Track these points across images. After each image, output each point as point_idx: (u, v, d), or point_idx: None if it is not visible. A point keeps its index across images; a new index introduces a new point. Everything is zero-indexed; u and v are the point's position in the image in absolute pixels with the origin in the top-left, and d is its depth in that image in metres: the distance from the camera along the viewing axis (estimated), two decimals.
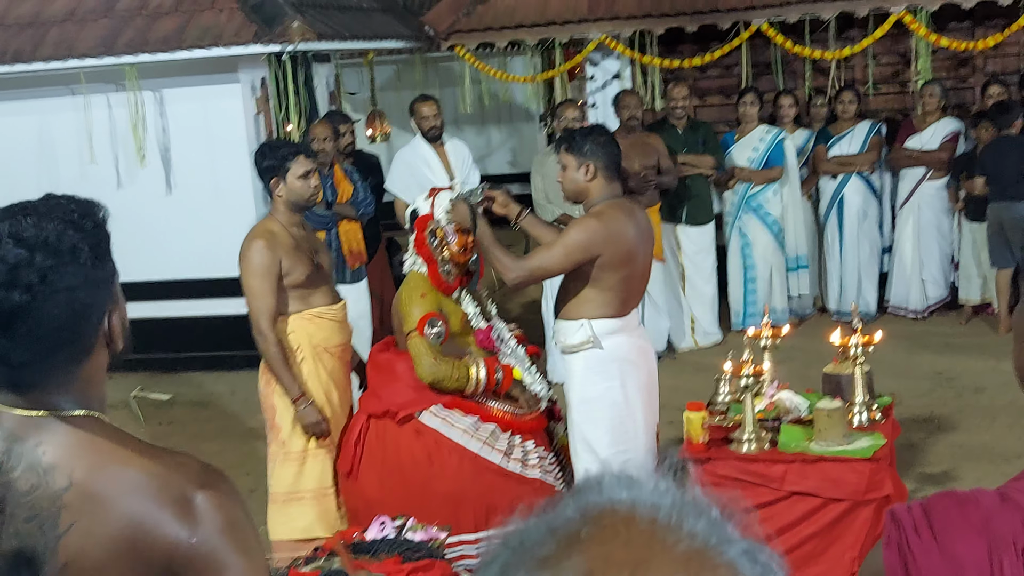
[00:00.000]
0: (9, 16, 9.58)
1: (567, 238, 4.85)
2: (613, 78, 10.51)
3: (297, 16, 8.76)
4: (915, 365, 8.43)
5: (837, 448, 4.75)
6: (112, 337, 1.93)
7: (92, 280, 1.87)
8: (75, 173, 9.71)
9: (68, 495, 1.81)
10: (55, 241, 1.83)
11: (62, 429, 1.85)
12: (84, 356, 1.89)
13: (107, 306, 1.92)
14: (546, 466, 5.09)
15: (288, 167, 5.19)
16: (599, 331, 4.88)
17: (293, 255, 5.14)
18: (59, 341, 1.85)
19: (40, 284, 1.81)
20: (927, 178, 9.53)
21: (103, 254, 1.91)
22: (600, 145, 4.90)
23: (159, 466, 1.85)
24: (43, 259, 1.81)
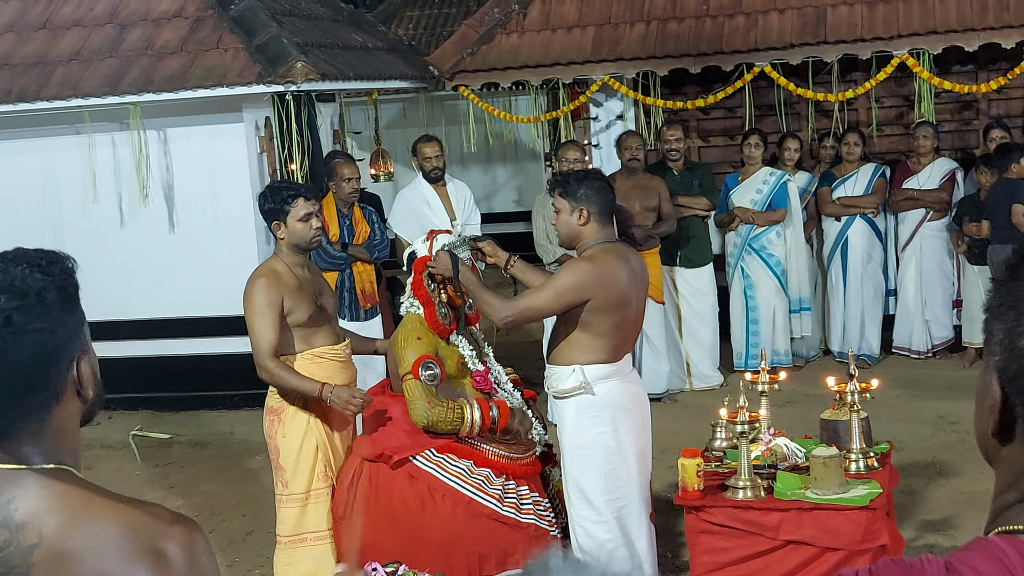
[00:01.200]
0: (15, 56, 9.64)
1: (558, 280, 4.84)
2: (617, 119, 10.54)
3: (301, 56, 8.80)
4: (917, 408, 8.38)
5: (833, 496, 4.70)
6: (82, 384, 1.90)
7: (60, 324, 1.86)
8: (78, 211, 9.75)
9: (38, 552, 1.79)
10: (20, 284, 1.83)
11: (34, 484, 1.83)
12: (53, 403, 1.87)
13: (76, 352, 1.90)
14: (540, 511, 5.05)
15: (288, 210, 5.20)
16: (591, 376, 4.85)
17: (296, 295, 5.15)
18: (27, 386, 1.83)
19: (4, 326, 1.80)
20: (928, 219, 9.53)
21: (71, 300, 1.90)
22: (594, 190, 4.90)
23: (130, 518, 1.83)
24: (7, 301, 1.81)
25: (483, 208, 9.06)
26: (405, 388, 4.95)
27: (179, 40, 9.39)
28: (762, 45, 9.55)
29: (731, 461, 5.09)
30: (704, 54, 9.68)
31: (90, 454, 8.20)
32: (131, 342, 9.38)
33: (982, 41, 9.19)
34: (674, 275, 9.29)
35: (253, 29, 9.28)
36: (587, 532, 4.92)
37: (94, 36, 9.64)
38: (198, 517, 7.02)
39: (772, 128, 10.30)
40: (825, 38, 9.46)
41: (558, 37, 10.17)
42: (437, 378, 4.95)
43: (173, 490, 7.71)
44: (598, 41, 10.02)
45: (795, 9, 9.73)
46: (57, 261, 1.92)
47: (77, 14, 9.85)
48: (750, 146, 9.40)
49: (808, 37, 9.50)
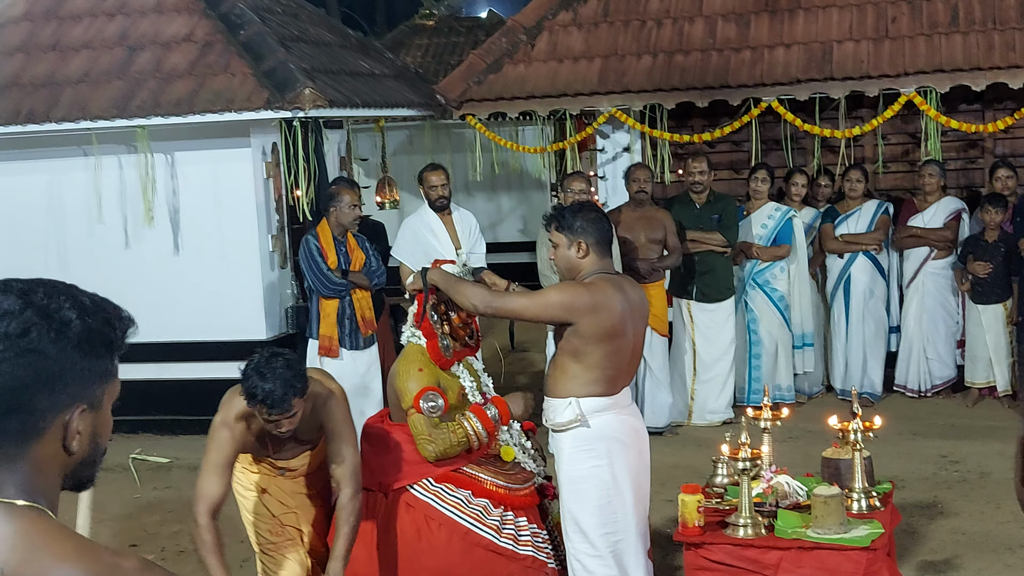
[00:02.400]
0: (25, 76, 9.68)
1: (549, 293, 4.90)
2: (623, 151, 10.56)
3: (309, 83, 8.83)
4: (919, 447, 8.35)
5: (834, 536, 4.68)
6: (67, 435, 1.86)
7: (70, 362, 1.83)
8: (84, 232, 9.76)
9: None
10: (53, 309, 1.83)
11: (1, 519, 1.79)
12: (33, 436, 1.83)
13: (78, 400, 1.86)
14: (538, 543, 5.02)
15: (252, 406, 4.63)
16: (587, 409, 4.82)
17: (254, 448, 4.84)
18: (13, 404, 1.81)
19: (17, 337, 1.79)
20: (931, 258, 9.52)
21: (96, 348, 1.87)
22: (590, 221, 4.90)
23: (98, 566, 1.78)
24: (31, 316, 1.81)
25: (488, 237, 9.04)
26: (410, 423, 4.93)
27: (188, 64, 9.43)
28: (768, 80, 9.57)
29: (732, 498, 5.06)
30: (711, 87, 9.70)
31: None
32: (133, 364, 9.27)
33: (989, 81, 9.21)
34: (690, 309, 9.24)
35: (261, 54, 9.32)
36: (583, 566, 4.89)
37: (103, 58, 9.68)
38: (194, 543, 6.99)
39: (778, 163, 10.31)
40: (832, 74, 9.48)
41: (565, 68, 10.21)
42: (440, 409, 4.91)
43: (171, 514, 7.68)
44: (605, 73, 10.05)
45: (802, 44, 9.76)
46: (103, 310, 1.90)
47: (87, 36, 9.89)
48: (757, 180, 9.40)
49: (815, 73, 9.53)
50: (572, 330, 4.77)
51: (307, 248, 7.86)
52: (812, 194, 9.91)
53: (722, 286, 9.22)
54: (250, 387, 4.48)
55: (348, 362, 7.87)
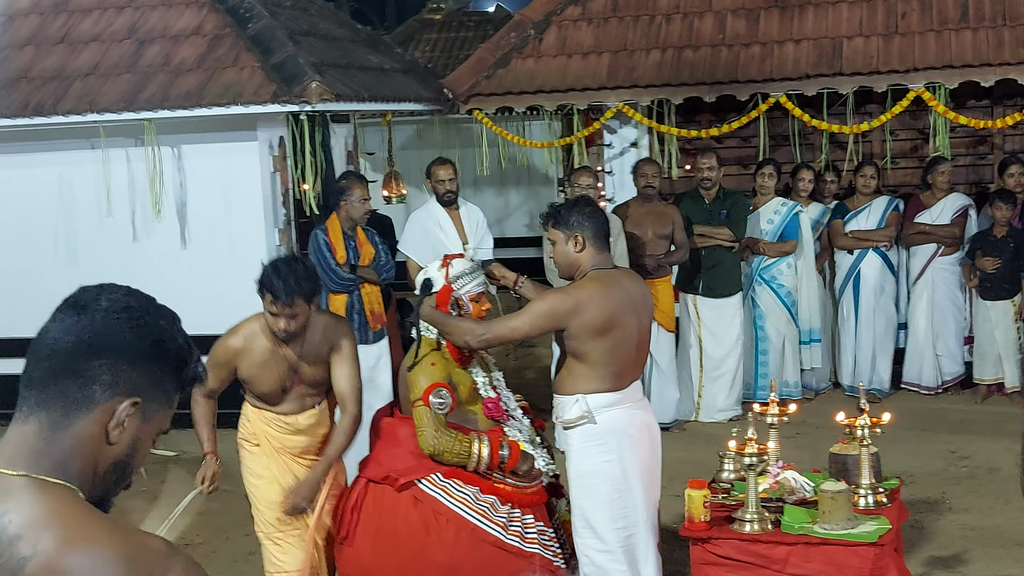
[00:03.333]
0: (34, 69, 9.68)
1: (533, 305, 4.90)
2: (631, 146, 10.54)
3: (316, 76, 8.82)
4: (928, 443, 8.33)
5: (841, 531, 4.66)
6: (114, 419, 1.91)
7: (143, 355, 1.93)
8: (92, 225, 9.77)
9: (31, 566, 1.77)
10: (150, 309, 1.97)
11: (33, 497, 1.82)
12: (84, 408, 1.88)
13: (135, 395, 1.92)
14: (545, 540, 5.01)
15: (263, 296, 4.97)
16: (594, 405, 4.83)
17: (256, 369, 5.06)
18: (79, 364, 1.88)
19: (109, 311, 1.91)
20: (939, 254, 9.50)
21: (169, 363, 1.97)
22: (586, 216, 4.92)
23: (127, 547, 1.81)
24: (129, 302, 1.94)
25: (495, 232, 9.02)
26: (414, 415, 4.92)
27: (196, 57, 9.43)
28: (777, 75, 9.55)
29: (739, 493, 5.06)
30: (719, 83, 9.68)
31: None
32: None
33: (998, 77, 9.18)
34: (696, 303, 9.23)
35: (270, 48, 9.31)
36: (592, 561, 4.89)
37: (112, 51, 9.68)
38: (202, 535, 7.00)
39: (786, 158, 10.29)
40: (841, 70, 9.45)
41: (574, 63, 10.19)
42: (448, 406, 4.91)
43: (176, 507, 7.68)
44: (613, 68, 10.03)
45: (811, 40, 9.73)
46: (189, 345, 2.02)
47: (96, 29, 9.90)
48: (763, 176, 9.39)
49: (824, 68, 9.50)
50: (566, 333, 4.81)
51: (316, 242, 7.85)
52: (819, 190, 9.89)
53: (729, 281, 9.20)
54: (262, 276, 4.90)
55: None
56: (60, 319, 1.92)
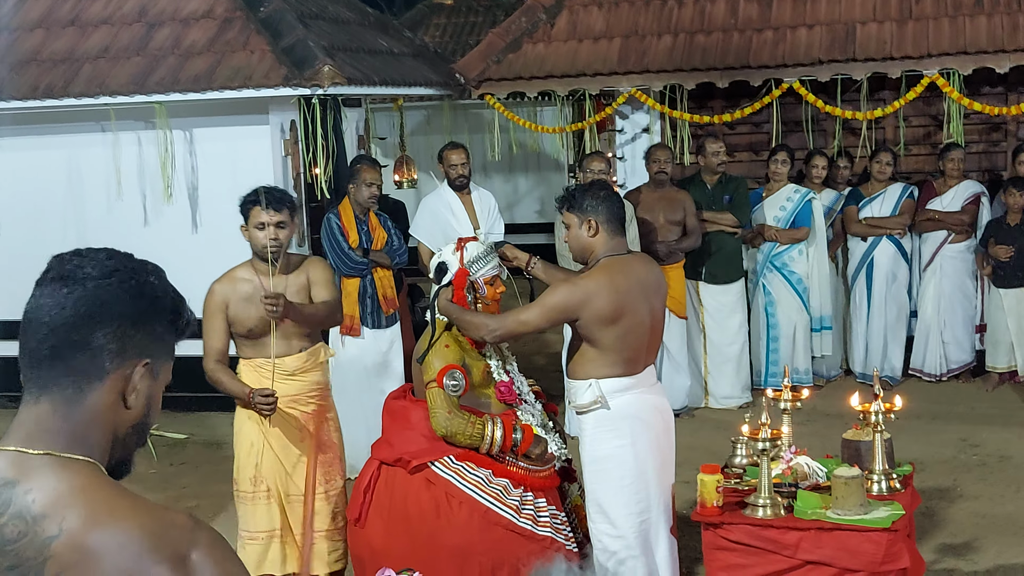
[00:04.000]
0: (44, 52, 9.67)
1: (545, 298, 4.87)
2: (642, 131, 10.50)
3: (328, 60, 8.79)
4: (939, 431, 8.31)
5: (854, 517, 4.64)
6: (129, 385, 1.92)
7: (145, 315, 1.93)
8: (102, 208, 9.76)
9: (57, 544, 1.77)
10: (138, 269, 1.96)
11: (56, 475, 1.83)
12: (96, 378, 1.89)
13: (144, 357, 1.94)
14: (557, 524, 5.00)
15: (248, 215, 5.28)
16: (607, 390, 4.83)
17: (244, 304, 5.25)
18: (82, 337, 1.88)
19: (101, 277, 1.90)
20: (949, 241, 9.46)
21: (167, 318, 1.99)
22: (600, 200, 4.89)
23: (153, 522, 1.81)
24: (117, 265, 1.94)
25: (505, 218, 8.99)
26: (428, 396, 4.91)
27: (207, 40, 9.40)
28: (790, 61, 9.50)
29: (751, 478, 5.03)
30: (732, 68, 9.63)
31: None
32: None
33: (1013, 63, 9.12)
34: (699, 290, 9.21)
35: (280, 31, 9.29)
36: (605, 547, 4.88)
37: (122, 34, 9.66)
38: (211, 517, 7.00)
39: (798, 144, 10.24)
40: (854, 55, 9.40)
41: (585, 47, 10.15)
42: (461, 388, 4.90)
43: (187, 490, 7.70)
44: (625, 52, 9.99)
45: (824, 25, 9.68)
46: (177, 295, 2.03)
47: (106, 12, 9.87)
48: (777, 162, 9.34)
49: (837, 54, 9.44)
50: (578, 322, 4.81)
51: (328, 226, 7.83)
52: (832, 176, 9.84)
53: (731, 268, 9.20)
54: (249, 194, 5.27)
55: (370, 340, 7.85)
56: (48, 293, 1.91)
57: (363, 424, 7.31)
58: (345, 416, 7.77)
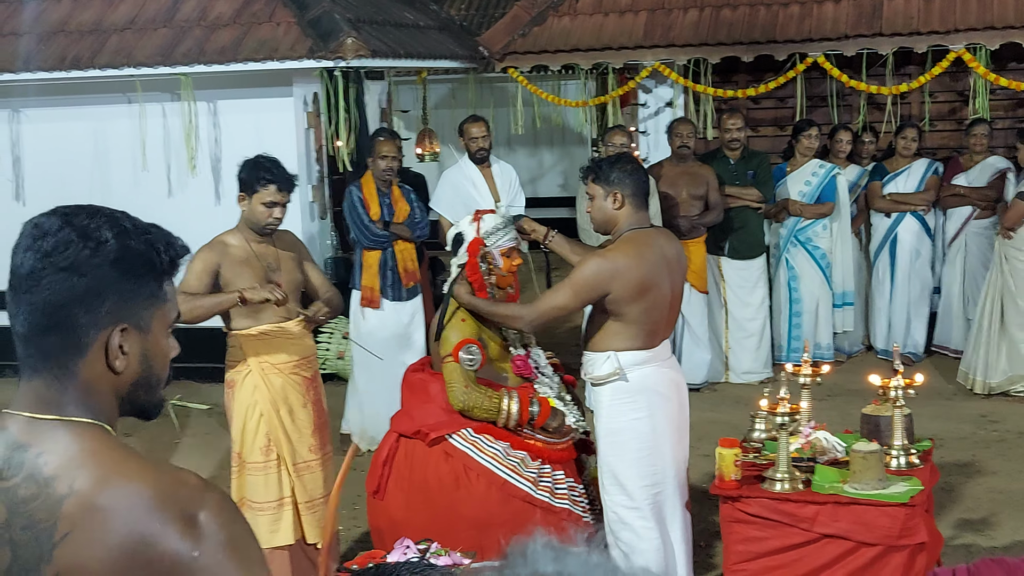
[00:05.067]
0: (71, 23, 9.72)
1: (574, 276, 4.87)
2: (666, 106, 10.48)
3: (352, 32, 8.81)
4: (959, 407, 8.30)
5: (872, 492, 4.65)
6: (109, 351, 1.90)
7: (107, 280, 1.87)
8: (128, 179, 9.82)
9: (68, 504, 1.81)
10: (92, 230, 1.88)
11: (66, 438, 1.86)
12: (77, 354, 1.88)
13: (120, 319, 1.90)
14: (575, 497, 5.03)
15: (257, 189, 5.22)
16: (626, 363, 4.85)
17: (238, 267, 5.19)
18: (53, 321, 1.86)
19: (55, 254, 1.85)
20: (974, 217, 9.41)
21: (136, 269, 1.90)
22: (627, 173, 4.90)
23: (162, 482, 1.84)
24: (69, 234, 1.86)
25: (528, 192, 9.00)
26: (444, 370, 4.94)
27: (232, 12, 9.43)
28: (816, 35, 9.45)
29: (769, 453, 5.05)
30: (757, 42, 9.60)
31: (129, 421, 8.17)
32: None
33: None
34: (721, 265, 9.21)
35: (306, 3, 9.30)
36: (620, 518, 4.91)
37: (149, 5, 9.70)
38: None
39: (823, 120, 10.20)
40: (880, 30, 9.35)
41: (610, 21, 10.12)
42: (478, 362, 4.93)
43: (208, 459, 7.77)
44: (650, 26, 9.96)
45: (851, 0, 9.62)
46: (149, 234, 1.93)
47: None
48: (810, 137, 9.23)
49: (863, 29, 9.40)
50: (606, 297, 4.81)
51: (350, 199, 7.86)
52: (856, 151, 9.79)
53: (754, 242, 9.18)
54: (259, 170, 5.19)
55: (390, 313, 7.88)
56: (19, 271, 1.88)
57: (384, 396, 7.35)
58: (366, 388, 7.87)
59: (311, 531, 5.37)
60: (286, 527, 5.30)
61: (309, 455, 5.40)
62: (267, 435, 5.28)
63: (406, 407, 5.18)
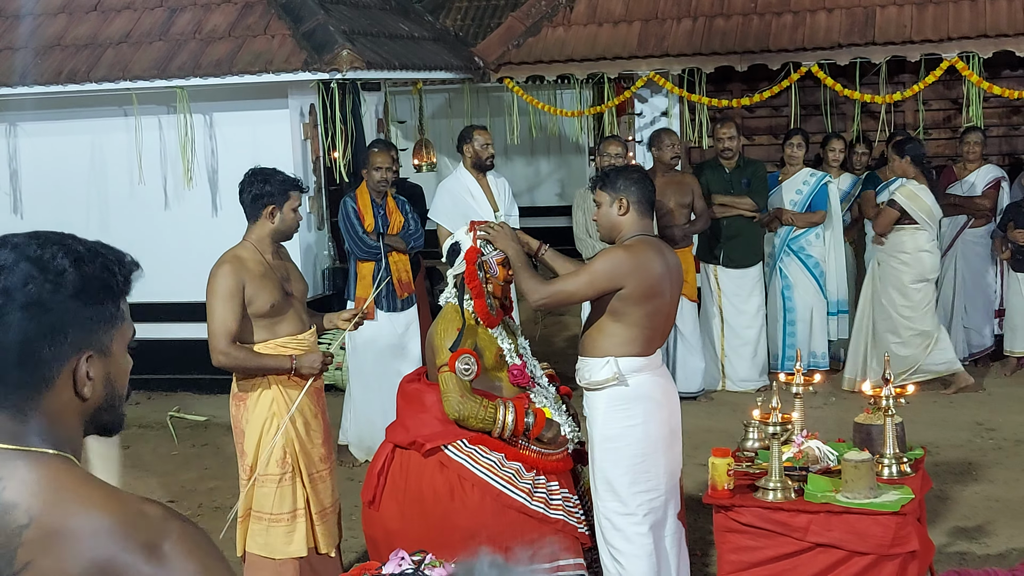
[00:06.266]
0: (67, 37, 9.76)
1: (593, 265, 4.92)
2: (661, 115, 10.52)
3: (347, 44, 8.84)
4: (955, 414, 8.32)
5: (864, 501, 4.67)
6: (77, 383, 1.87)
7: (69, 311, 1.85)
8: (124, 193, 9.86)
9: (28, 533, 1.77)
10: (47, 259, 1.84)
11: (27, 466, 1.82)
12: (43, 386, 1.85)
13: (83, 347, 1.87)
14: (569, 507, 5.05)
15: (290, 196, 5.26)
16: (624, 368, 4.88)
17: (259, 282, 5.17)
18: (18, 356, 1.83)
19: (14, 290, 1.81)
20: (969, 226, 9.43)
21: (95, 295, 1.88)
22: (633, 181, 4.99)
23: (125, 511, 1.80)
24: (27, 268, 1.83)
25: (525, 201, 9.05)
26: (440, 380, 4.96)
27: (228, 25, 9.47)
28: (809, 44, 9.50)
29: (762, 462, 5.07)
30: (751, 52, 9.64)
31: (128, 433, 8.27)
32: (171, 324, 9.44)
33: None
34: (717, 274, 9.23)
35: (301, 16, 9.34)
36: (613, 525, 4.93)
37: (144, 19, 9.74)
38: (232, 499, 7.09)
39: (817, 128, 10.24)
40: (873, 39, 9.39)
41: (604, 31, 10.16)
42: (473, 372, 4.94)
43: (208, 471, 7.79)
44: (644, 36, 10.00)
45: (843, 9, 9.67)
46: (103, 256, 1.91)
47: None
48: (792, 146, 9.31)
49: (856, 37, 9.44)
50: (618, 292, 4.83)
51: (345, 210, 7.89)
52: (850, 161, 9.82)
53: (749, 251, 9.21)
54: (280, 179, 5.26)
55: (385, 324, 7.90)
56: None
57: (379, 407, 7.38)
58: (362, 399, 7.89)
59: (324, 540, 5.38)
60: (300, 538, 5.29)
61: (320, 465, 5.41)
62: (284, 447, 5.27)
63: (401, 418, 5.19)
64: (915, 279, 8.70)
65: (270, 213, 5.25)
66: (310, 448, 5.36)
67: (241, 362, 5.12)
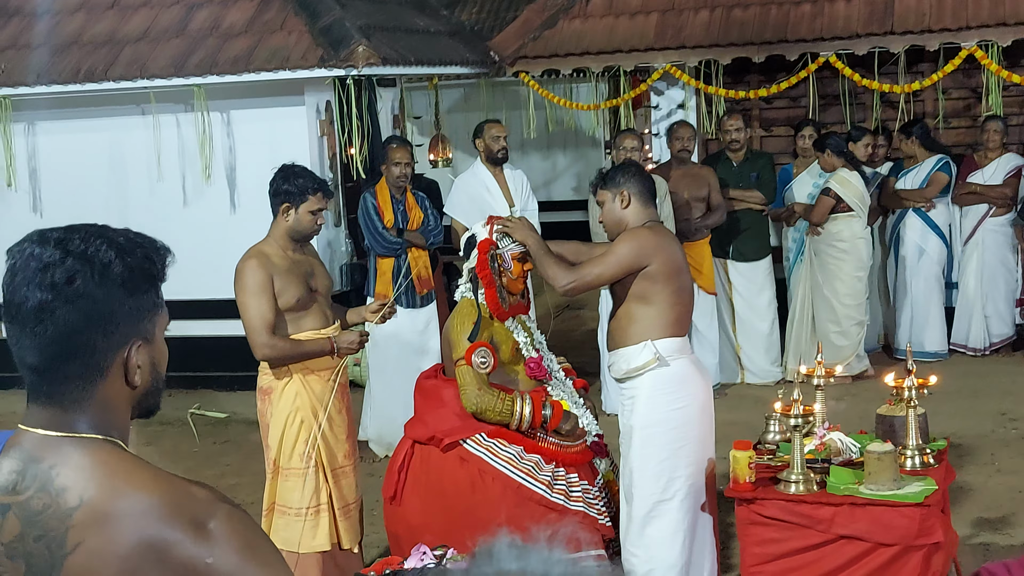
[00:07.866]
0: (85, 35, 9.78)
1: (617, 247, 4.96)
2: (678, 107, 10.47)
3: (363, 40, 8.84)
4: (978, 404, 8.27)
5: (887, 492, 4.65)
6: (128, 370, 1.94)
7: (118, 301, 1.91)
8: (143, 190, 9.88)
9: (78, 514, 1.83)
10: (92, 253, 1.89)
11: (78, 452, 1.88)
12: (97, 376, 1.91)
13: (132, 336, 1.94)
14: (589, 499, 5.05)
15: (307, 198, 5.26)
16: (663, 350, 4.93)
17: (285, 276, 5.21)
18: (71, 349, 1.89)
19: (64, 285, 1.87)
20: (990, 214, 9.39)
21: (140, 284, 1.94)
22: (631, 174, 5.09)
23: (173, 492, 1.87)
24: (73, 263, 1.88)
25: (542, 196, 9.02)
26: (457, 373, 4.97)
27: (245, 22, 9.48)
28: (828, 34, 9.44)
29: (784, 454, 5.05)
30: (768, 42, 9.58)
31: (149, 431, 8.33)
32: (190, 321, 9.44)
33: None
34: (727, 268, 9.20)
35: (317, 12, 9.34)
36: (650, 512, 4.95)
37: (162, 17, 9.76)
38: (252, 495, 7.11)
39: (836, 119, 10.18)
40: (892, 28, 9.32)
41: (621, 23, 10.12)
42: (489, 365, 4.95)
43: (229, 468, 7.81)
44: (661, 28, 9.96)
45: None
46: (141, 246, 1.96)
47: None
48: (804, 138, 9.27)
49: (875, 27, 9.37)
50: (643, 273, 4.88)
51: (364, 206, 7.90)
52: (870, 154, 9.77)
53: (758, 245, 9.19)
54: (303, 180, 5.26)
55: (405, 320, 7.89)
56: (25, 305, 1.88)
57: (399, 403, 7.38)
58: (381, 395, 7.89)
59: (347, 536, 5.39)
60: (323, 532, 5.31)
61: (344, 460, 5.42)
62: (306, 441, 5.28)
63: (419, 413, 5.20)
64: (856, 268, 8.81)
65: (285, 211, 5.29)
66: (334, 444, 5.37)
67: (285, 351, 5.18)
